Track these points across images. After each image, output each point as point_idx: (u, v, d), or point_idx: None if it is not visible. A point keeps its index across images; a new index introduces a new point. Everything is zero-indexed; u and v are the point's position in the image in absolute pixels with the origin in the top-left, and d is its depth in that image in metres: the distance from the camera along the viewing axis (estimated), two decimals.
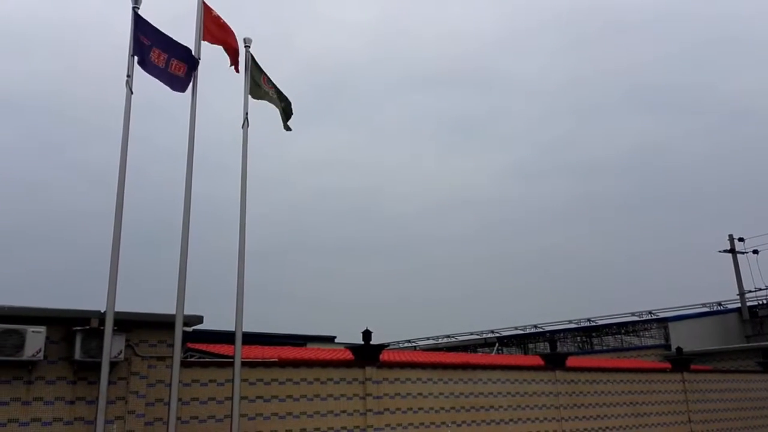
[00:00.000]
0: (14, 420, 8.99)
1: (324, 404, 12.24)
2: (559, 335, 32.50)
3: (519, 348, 35.39)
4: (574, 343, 34.44)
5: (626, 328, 31.43)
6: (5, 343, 8.81)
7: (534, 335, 34.06)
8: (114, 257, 9.19)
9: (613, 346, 31.29)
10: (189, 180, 10.25)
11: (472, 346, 35.23)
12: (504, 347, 35.10)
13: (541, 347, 33.38)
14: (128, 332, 9.77)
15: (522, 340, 35.06)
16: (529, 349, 34.56)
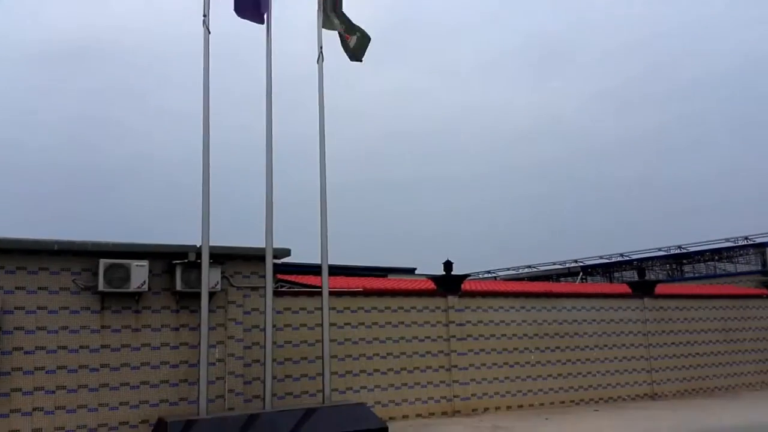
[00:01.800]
0: (127, 345, 9.97)
1: (408, 330, 12.75)
2: (647, 263, 31.70)
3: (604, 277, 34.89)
4: (662, 270, 33.56)
5: (720, 254, 30.22)
6: (113, 276, 9.67)
7: (620, 264, 33.38)
8: (205, 196, 9.76)
9: (705, 273, 30.26)
10: (269, 114, 10.55)
11: (554, 276, 35.06)
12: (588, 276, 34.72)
13: (628, 276, 32.77)
14: (223, 265, 10.47)
15: (607, 269, 34.50)
16: (614, 278, 34.02)
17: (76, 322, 9.66)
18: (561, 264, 35.25)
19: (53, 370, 9.42)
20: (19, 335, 9.31)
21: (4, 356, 9.14)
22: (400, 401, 12.33)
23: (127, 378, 9.82)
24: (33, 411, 9.17)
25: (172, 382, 10.10)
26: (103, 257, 9.68)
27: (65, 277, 9.72)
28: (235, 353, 10.57)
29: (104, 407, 9.61)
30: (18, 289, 9.41)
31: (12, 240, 9.44)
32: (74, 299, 9.72)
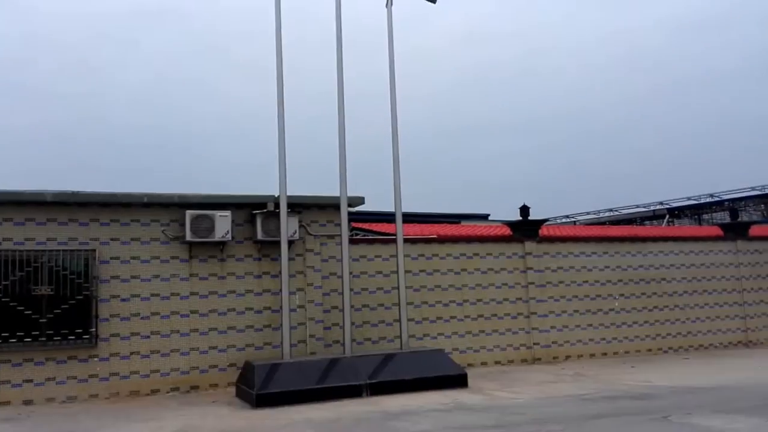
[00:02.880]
0: (213, 292, 10.58)
1: (484, 277, 12.80)
2: (740, 203, 30.04)
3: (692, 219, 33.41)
4: (756, 211, 31.75)
5: None
6: (199, 227, 10.20)
7: (710, 205, 31.80)
8: (281, 146, 10.01)
9: None
10: (340, 62, 10.57)
11: (638, 219, 33.88)
12: (675, 219, 33.34)
13: (719, 218, 31.22)
14: (300, 214, 10.82)
15: (696, 211, 32.97)
16: (703, 221, 32.52)
17: (166, 271, 10.31)
18: (645, 206, 33.95)
19: (147, 316, 10.14)
20: (115, 284, 10.04)
21: (103, 303, 9.91)
22: (478, 348, 12.52)
23: (215, 323, 10.46)
24: (131, 355, 9.97)
25: (256, 328, 10.68)
26: (189, 209, 10.22)
27: (155, 228, 10.34)
28: (315, 300, 11.01)
29: (195, 351, 10.30)
30: (113, 240, 10.11)
31: (106, 194, 10.09)
32: (164, 249, 10.35)
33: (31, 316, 9.51)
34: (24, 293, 9.54)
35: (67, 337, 9.63)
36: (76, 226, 9.97)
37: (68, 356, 9.64)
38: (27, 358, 9.45)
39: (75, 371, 9.64)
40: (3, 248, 9.53)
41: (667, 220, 32.89)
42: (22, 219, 9.74)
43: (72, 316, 9.68)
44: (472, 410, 8.23)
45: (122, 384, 9.83)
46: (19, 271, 9.55)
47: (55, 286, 9.68)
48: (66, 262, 9.80)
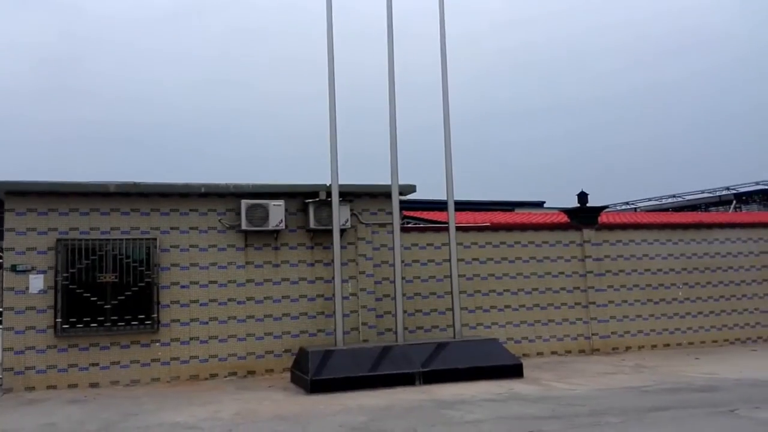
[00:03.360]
0: (268, 279, 10.81)
1: (540, 266, 12.59)
2: None
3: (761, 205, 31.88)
4: None
5: None
6: (254, 215, 10.44)
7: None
8: (333, 136, 10.10)
9: None
10: (391, 48, 10.55)
11: (702, 205, 32.56)
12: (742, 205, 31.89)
13: None
14: (351, 202, 10.92)
15: (765, 197, 31.43)
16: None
17: (223, 259, 10.61)
18: (710, 192, 32.62)
19: (206, 302, 10.46)
20: (175, 271, 10.39)
21: (164, 290, 10.28)
22: (534, 338, 12.35)
23: (270, 310, 10.70)
24: (190, 340, 10.31)
25: (310, 315, 10.87)
26: (243, 198, 10.46)
27: (212, 217, 10.64)
28: (367, 288, 11.10)
29: (251, 337, 10.57)
30: (172, 229, 10.46)
31: (166, 185, 10.43)
32: (221, 237, 10.64)
33: (96, 302, 9.95)
34: (90, 280, 9.99)
35: (131, 322, 10.04)
36: (137, 215, 10.36)
37: (131, 341, 10.06)
38: (93, 343, 9.91)
39: (138, 355, 10.05)
40: (70, 237, 9.99)
41: (734, 206, 31.49)
42: (87, 209, 10.18)
43: (135, 303, 10.09)
44: (527, 400, 8.15)
45: (182, 368, 10.19)
46: (85, 260, 10.00)
47: (119, 274, 10.10)
48: (129, 251, 10.20)
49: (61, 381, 9.70)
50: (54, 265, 9.87)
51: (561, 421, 6.93)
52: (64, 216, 10.07)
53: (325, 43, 10.29)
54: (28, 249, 9.86)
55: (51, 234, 9.97)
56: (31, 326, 9.71)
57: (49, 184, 10.02)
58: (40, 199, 10.00)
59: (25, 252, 9.84)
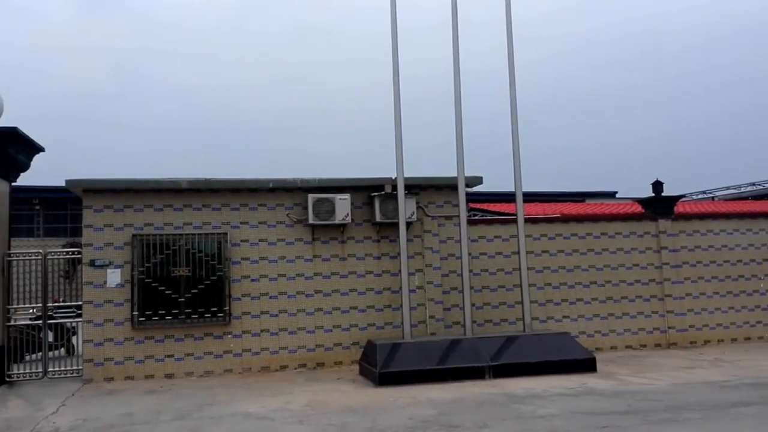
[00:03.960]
0: (336, 273, 10.92)
1: (613, 258, 12.20)
2: None
3: None
4: None
5: None
6: (320, 209, 10.56)
7: None
8: (397, 129, 10.07)
9: None
10: (456, 37, 10.43)
11: None
12: None
13: None
14: (417, 195, 10.88)
15: None
16: None
17: (291, 252, 10.79)
18: None
19: (275, 295, 10.66)
20: (246, 265, 10.64)
21: (235, 283, 10.54)
22: (607, 332, 11.99)
23: (338, 303, 10.81)
24: (261, 332, 10.54)
25: (377, 308, 10.91)
26: (310, 192, 10.60)
27: (280, 211, 10.84)
28: (434, 281, 11.05)
29: (320, 329, 10.71)
30: (242, 223, 10.71)
31: (235, 180, 10.70)
32: (289, 231, 10.83)
33: (171, 295, 10.30)
34: (164, 274, 10.35)
35: (204, 315, 10.35)
36: (209, 211, 10.66)
37: (204, 333, 10.37)
38: (168, 335, 10.27)
39: (211, 347, 10.36)
40: (145, 233, 10.38)
41: None
42: (161, 205, 10.55)
43: (207, 296, 10.39)
44: (601, 395, 7.93)
45: (254, 360, 10.44)
46: (159, 254, 10.37)
47: (192, 268, 10.42)
48: (201, 245, 10.51)
49: (138, 372, 10.10)
50: (130, 259, 10.27)
51: (637, 416, 6.71)
52: (139, 212, 10.47)
53: (389, 34, 10.25)
54: (105, 244, 10.30)
55: (127, 230, 10.38)
56: (109, 319, 10.15)
57: (125, 181, 10.44)
58: (116, 196, 10.43)
59: (103, 247, 10.29)
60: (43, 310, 10.31)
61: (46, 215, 30.38)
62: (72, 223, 30.33)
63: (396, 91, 10.16)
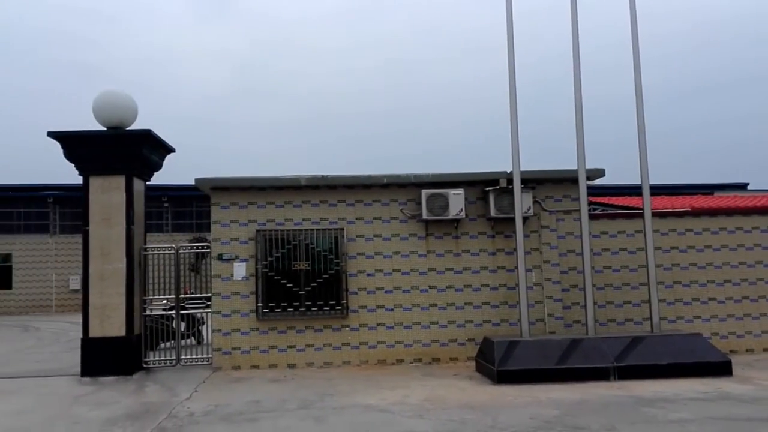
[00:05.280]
0: (450, 268, 10.92)
1: (750, 254, 11.33)
2: None
3: None
4: None
5: None
6: (434, 205, 10.59)
7: None
8: (513, 121, 9.90)
9: None
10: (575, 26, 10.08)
11: None
12: None
13: None
14: (534, 189, 10.64)
15: None
16: None
17: (406, 248, 10.91)
18: None
19: (390, 290, 10.84)
20: (361, 260, 10.89)
21: (351, 278, 10.82)
22: (743, 333, 11.15)
23: (452, 299, 10.81)
24: (377, 326, 10.75)
25: (493, 304, 10.80)
26: (423, 188, 10.66)
27: (394, 207, 10.99)
28: (552, 278, 10.77)
29: (435, 325, 10.76)
30: (357, 219, 10.97)
31: (351, 177, 10.97)
32: (403, 227, 10.96)
33: (292, 288, 10.75)
34: (285, 268, 10.81)
35: (323, 308, 10.71)
36: (326, 207, 11.01)
37: (324, 325, 10.73)
38: (290, 326, 10.72)
39: (330, 339, 10.70)
40: (267, 228, 10.89)
41: None
42: (282, 202, 11.02)
43: (326, 289, 10.74)
44: (738, 401, 7.42)
45: (371, 353, 10.67)
46: (281, 249, 10.84)
47: (311, 262, 10.81)
48: (319, 240, 10.88)
49: (262, 361, 10.63)
50: (254, 253, 10.82)
51: None
52: (261, 208, 11.00)
53: (505, 23, 10.10)
54: (231, 239, 10.91)
55: (251, 225, 10.93)
56: (236, 310, 10.75)
57: (248, 179, 11.00)
58: (241, 193, 11.01)
59: (230, 242, 10.90)
60: (176, 301, 11.10)
61: (174, 212, 32.65)
62: (197, 219, 32.42)
63: (511, 82, 9.97)
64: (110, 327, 10.32)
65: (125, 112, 10.73)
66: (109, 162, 10.57)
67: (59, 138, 10.54)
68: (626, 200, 12.76)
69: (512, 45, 10.03)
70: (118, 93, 10.81)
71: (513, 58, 10.02)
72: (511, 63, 10.02)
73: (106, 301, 10.38)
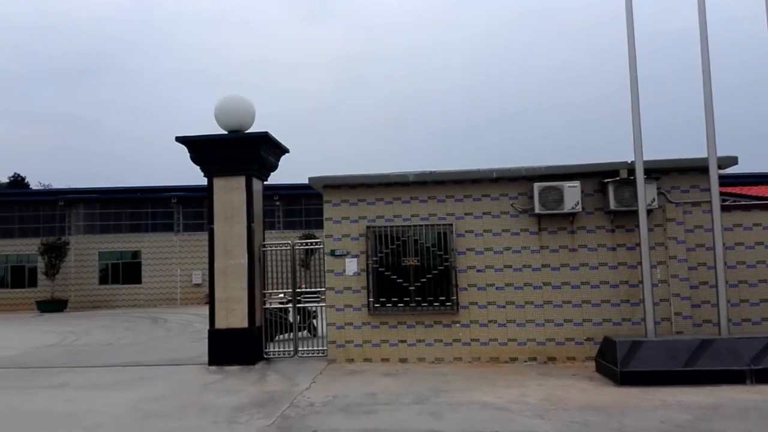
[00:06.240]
0: (565, 264, 10.55)
1: None
2: None
3: None
4: None
5: None
6: (547, 199, 10.28)
7: None
8: (635, 108, 9.39)
9: None
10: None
11: None
12: None
13: None
14: (658, 180, 10.06)
15: None
16: None
17: (517, 243, 10.67)
18: None
19: (501, 286, 10.64)
20: (471, 255, 10.78)
21: (461, 274, 10.73)
22: None
23: (568, 296, 10.44)
24: (488, 323, 10.59)
25: (613, 302, 10.33)
26: (536, 181, 10.37)
27: (504, 202, 10.78)
28: (679, 274, 10.14)
29: (550, 323, 10.45)
30: (466, 214, 10.86)
31: (459, 171, 10.88)
32: (513, 222, 10.72)
33: (401, 284, 10.82)
34: (395, 264, 10.90)
35: (432, 303, 10.70)
36: (434, 202, 10.99)
37: (434, 321, 10.72)
38: (400, 321, 10.80)
39: (440, 335, 10.68)
40: (377, 225, 11.03)
41: None
42: (390, 198, 11.12)
43: (435, 285, 10.72)
44: None
45: (482, 350, 10.54)
46: (390, 245, 10.94)
47: (420, 258, 10.83)
48: (427, 236, 10.88)
49: (374, 355, 10.79)
50: (365, 249, 10.99)
51: None
52: (371, 205, 11.15)
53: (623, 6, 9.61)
54: (343, 236, 11.15)
55: (361, 222, 11.12)
56: (348, 304, 10.98)
57: (358, 177, 11.18)
58: (351, 190, 11.22)
59: (341, 238, 11.14)
60: (293, 294, 11.50)
61: (285, 210, 33.93)
62: (306, 216, 33.51)
63: (632, 66, 9.46)
64: (234, 319, 10.88)
65: (244, 115, 11.26)
66: (230, 163, 11.12)
67: (186, 142, 11.22)
68: (762, 190, 11.76)
69: (631, 21, 9.52)
70: (237, 98, 11.36)
71: (633, 38, 9.50)
72: (631, 40, 9.50)
73: (230, 294, 10.94)
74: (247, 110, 11.33)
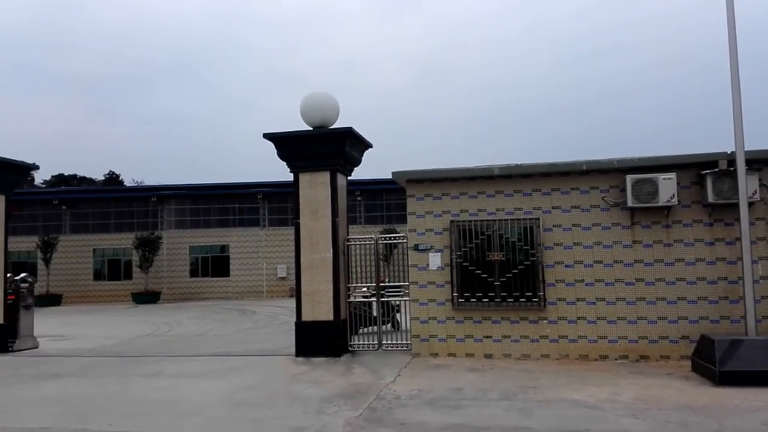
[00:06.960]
0: (659, 260, 10.21)
1: None
2: None
3: None
4: None
5: None
6: (640, 191, 9.97)
7: None
8: (735, 95, 8.96)
9: None
10: None
11: None
12: None
13: None
14: (760, 171, 9.58)
15: None
16: None
17: (608, 238, 10.42)
18: None
19: (591, 282, 10.42)
20: (559, 250, 10.61)
21: (548, 269, 10.59)
22: None
23: (662, 293, 10.10)
24: (577, 320, 10.41)
25: (710, 300, 9.91)
26: (628, 173, 10.09)
27: (594, 195, 10.54)
28: None
29: (642, 320, 10.14)
30: (554, 208, 10.70)
31: (546, 164, 10.72)
32: (604, 215, 10.47)
33: (486, 279, 10.80)
34: (479, 258, 10.89)
35: (518, 299, 10.62)
36: (520, 196, 10.89)
37: (520, 317, 10.64)
38: (485, 317, 10.79)
39: (526, 331, 10.59)
40: (461, 219, 11.05)
41: None
42: (474, 192, 11.11)
43: (521, 280, 10.64)
44: None
45: (571, 347, 10.37)
46: (474, 239, 10.94)
47: (505, 253, 10.77)
48: (513, 231, 10.80)
49: (459, 350, 10.83)
50: (448, 244, 11.04)
51: None
52: (455, 200, 11.17)
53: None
54: (426, 230, 11.24)
55: (445, 216, 11.17)
56: (432, 299, 11.07)
57: (442, 171, 11.23)
58: (434, 185, 11.29)
59: (425, 233, 11.24)
60: (377, 288, 11.73)
61: (366, 204, 34.41)
62: (386, 211, 33.86)
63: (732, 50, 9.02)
64: (320, 312, 11.23)
65: (328, 111, 11.56)
66: (315, 159, 11.46)
67: (273, 139, 11.65)
68: None
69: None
70: (321, 94, 11.67)
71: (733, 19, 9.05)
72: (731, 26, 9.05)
73: (315, 287, 11.29)
74: (331, 106, 11.62)
